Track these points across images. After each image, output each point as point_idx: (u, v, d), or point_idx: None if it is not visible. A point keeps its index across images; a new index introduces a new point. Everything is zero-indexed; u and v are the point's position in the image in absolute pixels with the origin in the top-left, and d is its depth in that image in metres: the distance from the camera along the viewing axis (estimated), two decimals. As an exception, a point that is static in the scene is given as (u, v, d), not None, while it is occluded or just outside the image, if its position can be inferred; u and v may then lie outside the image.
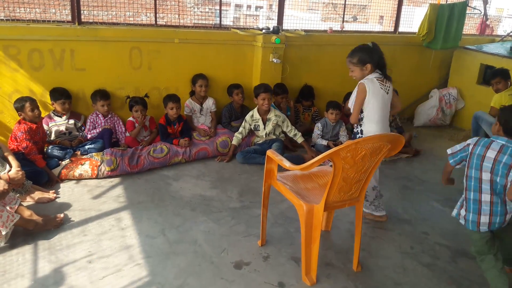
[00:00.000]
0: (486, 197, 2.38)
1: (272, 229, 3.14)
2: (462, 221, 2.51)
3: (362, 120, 3.08)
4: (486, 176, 2.35)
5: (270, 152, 2.69)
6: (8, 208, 2.76)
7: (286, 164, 2.53)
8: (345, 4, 5.73)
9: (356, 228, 2.71)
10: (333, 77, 5.59)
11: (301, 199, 2.50)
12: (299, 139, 4.57)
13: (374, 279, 2.69)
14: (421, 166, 4.67)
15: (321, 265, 2.73)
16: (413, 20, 6.43)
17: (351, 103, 3.15)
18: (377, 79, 3.00)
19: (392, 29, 6.19)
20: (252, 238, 3.01)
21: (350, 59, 3.10)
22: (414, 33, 6.05)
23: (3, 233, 2.66)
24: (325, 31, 5.55)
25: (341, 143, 4.62)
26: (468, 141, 2.45)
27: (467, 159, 2.44)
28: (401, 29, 6.16)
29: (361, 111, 3.07)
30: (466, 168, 2.45)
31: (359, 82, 3.06)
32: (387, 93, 3.03)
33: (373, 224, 3.32)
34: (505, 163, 2.26)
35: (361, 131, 3.09)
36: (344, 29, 5.72)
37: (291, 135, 4.59)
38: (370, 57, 3.02)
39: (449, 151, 2.55)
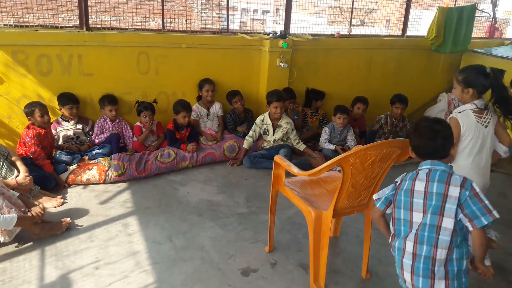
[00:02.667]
0: (409, 246, 1.89)
1: (279, 235, 3.11)
2: None
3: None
4: (417, 217, 1.87)
5: (278, 158, 2.67)
6: (15, 208, 2.79)
7: (294, 170, 2.50)
8: (352, 8, 5.71)
9: (365, 235, 2.67)
10: (340, 81, 5.56)
11: (309, 205, 2.47)
12: (301, 146, 4.56)
13: (383, 286, 2.65)
14: (430, 171, 4.61)
15: (330, 272, 2.70)
16: (420, 24, 6.39)
17: None
18: (473, 111, 2.58)
19: (399, 32, 6.16)
20: (260, 245, 2.99)
21: (456, 75, 2.67)
22: (422, 36, 6.01)
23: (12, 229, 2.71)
24: (332, 35, 5.52)
25: (349, 148, 4.59)
26: (396, 179, 2.01)
27: (394, 197, 1.98)
28: (408, 32, 6.12)
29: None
30: (392, 209, 1.99)
31: (450, 116, 2.66)
32: (486, 126, 2.59)
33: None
34: (436, 193, 1.83)
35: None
36: (351, 33, 5.70)
37: (294, 143, 4.57)
38: (478, 82, 2.57)
39: (375, 196, 2.07)
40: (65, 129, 4.16)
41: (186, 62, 4.67)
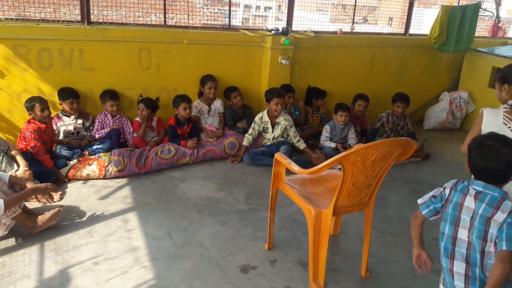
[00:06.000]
0: (459, 267, 1.78)
1: (279, 232, 3.10)
2: None
3: None
4: (462, 234, 1.76)
5: (278, 155, 2.67)
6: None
7: (295, 167, 2.49)
8: (355, 5, 5.68)
9: (365, 233, 2.67)
10: (342, 79, 5.55)
11: (309, 203, 2.46)
12: (301, 145, 4.53)
13: (382, 285, 2.65)
14: (431, 170, 4.61)
15: (329, 270, 2.69)
16: (423, 22, 6.36)
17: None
18: (505, 111, 2.33)
19: (402, 31, 6.13)
20: (259, 242, 2.98)
21: (496, 74, 2.46)
22: (425, 35, 5.99)
23: (6, 222, 2.72)
24: (334, 32, 5.50)
25: (350, 146, 4.58)
26: (445, 184, 1.87)
27: (442, 209, 1.85)
28: (411, 31, 6.09)
29: None
30: (440, 222, 1.87)
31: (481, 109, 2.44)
32: None
33: (382, 229, 3.28)
34: (481, 215, 1.68)
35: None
36: (353, 30, 5.67)
37: (294, 141, 4.55)
38: None
39: (420, 200, 1.96)
40: (66, 124, 4.15)
41: (188, 58, 4.65)
